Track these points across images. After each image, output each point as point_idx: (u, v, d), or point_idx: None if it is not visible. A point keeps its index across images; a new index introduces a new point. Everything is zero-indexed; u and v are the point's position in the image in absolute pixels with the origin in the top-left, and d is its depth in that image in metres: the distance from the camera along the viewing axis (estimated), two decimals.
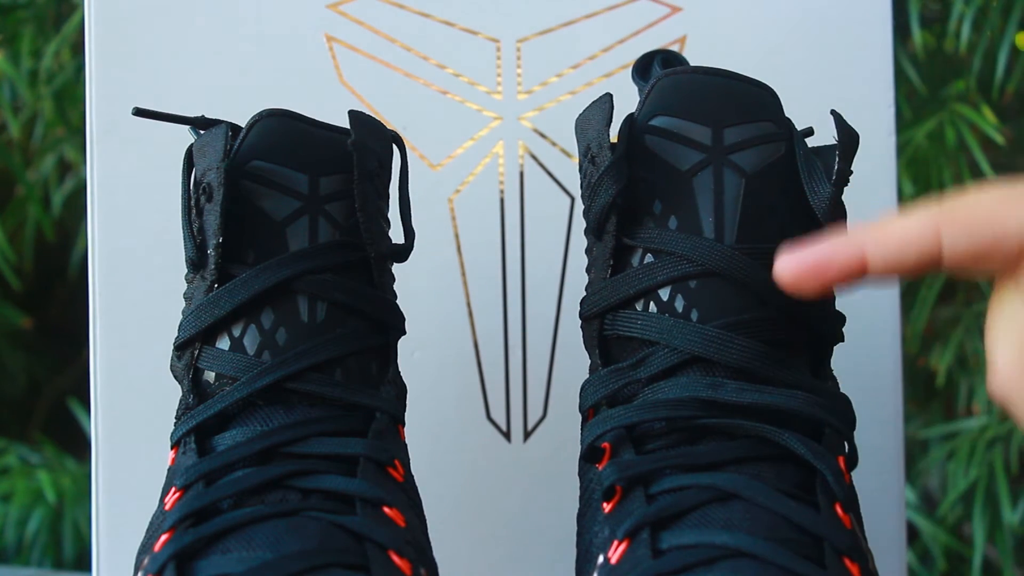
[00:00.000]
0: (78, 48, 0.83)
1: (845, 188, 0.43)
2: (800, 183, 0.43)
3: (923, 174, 0.75)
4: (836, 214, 0.42)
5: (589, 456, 0.43)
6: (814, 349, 0.44)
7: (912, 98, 0.77)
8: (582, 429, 0.44)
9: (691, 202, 0.42)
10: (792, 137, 0.43)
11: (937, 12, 0.80)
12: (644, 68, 0.47)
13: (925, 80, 0.77)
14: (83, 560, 0.82)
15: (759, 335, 0.42)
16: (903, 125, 0.74)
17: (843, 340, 0.45)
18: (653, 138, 0.43)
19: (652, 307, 0.43)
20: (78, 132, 0.84)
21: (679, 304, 0.42)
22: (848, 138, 0.43)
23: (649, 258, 0.43)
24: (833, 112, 0.44)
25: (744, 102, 0.43)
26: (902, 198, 0.72)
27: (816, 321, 0.43)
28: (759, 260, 0.42)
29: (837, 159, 0.43)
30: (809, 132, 0.47)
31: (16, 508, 0.82)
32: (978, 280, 0.37)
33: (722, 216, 0.42)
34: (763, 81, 0.44)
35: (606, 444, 0.42)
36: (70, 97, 0.83)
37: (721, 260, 0.41)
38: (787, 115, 0.44)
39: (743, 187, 0.42)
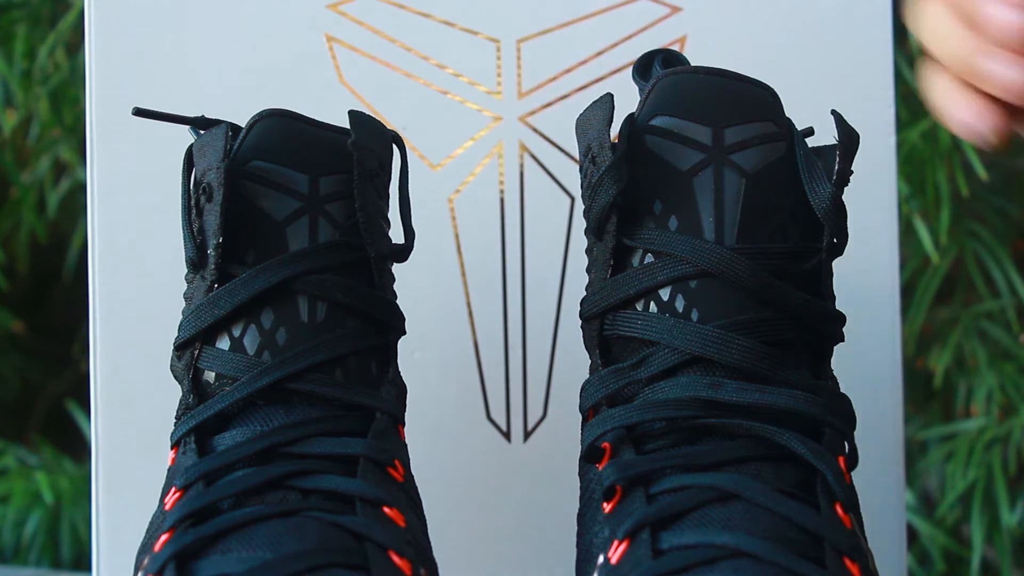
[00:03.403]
0: (73, 48, 0.83)
1: (845, 188, 0.43)
2: (801, 183, 0.43)
3: (918, 174, 0.75)
4: (836, 214, 0.42)
5: (589, 456, 0.43)
6: (814, 349, 0.44)
7: (908, 99, 0.77)
8: (582, 429, 0.44)
9: (691, 202, 0.42)
10: (792, 137, 0.43)
11: None
12: (644, 68, 0.47)
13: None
14: (81, 562, 0.82)
15: (759, 335, 0.42)
16: (898, 125, 0.74)
17: (843, 340, 0.45)
18: (653, 138, 0.43)
19: (652, 307, 0.42)
20: (74, 133, 0.84)
21: (679, 304, 0.42)
22: (848, 138, 0.43)
23: (649, 258, 0.43)
24: (833, 112, 0.44)
25: (744, 102, 0.43)
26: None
27: (816, 321, 0.43)
28: (759, 261, 0.42)
29: (837, 159, 0.43)
30: (809, 132, 0.47)
31: (14, 509, 0.82)
32: None
33: (722, 216, 0.42)
34: (763, 81, 0.44)
35: (606, 444, 0.42)
36: (65, 97, 0.83)
37: (720, 262, 0.41)
38: (787, 115, 0.44)
39: (744, 187, 0.42)
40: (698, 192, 0.42)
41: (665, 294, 0.42)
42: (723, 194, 0.42)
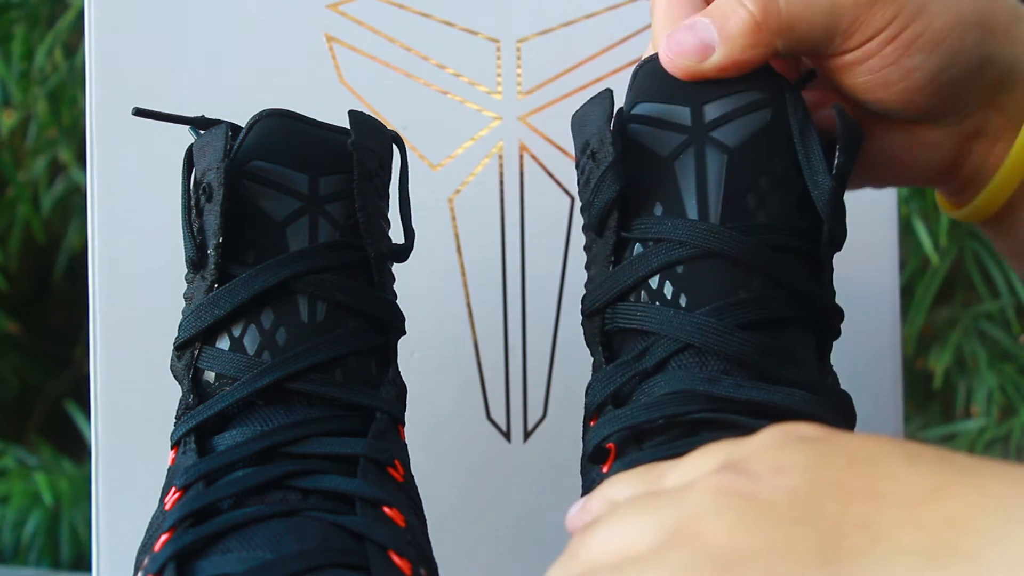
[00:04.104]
0: (71, 48, 0.83)
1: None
2: (788, 150, 0.42)
3: None
4: (836, 209, 0.42)
5: (594, 457, 0.43)
6: (814, 338, 0.43)
7: None
8: (586, 429, 0.44)
9: (673, 186, 0.42)
10: (782, 99, 0.43)
11: None
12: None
13: None
14: (80, 562, 0.82)
15: (761, 312, 0.41)
16: None
17: (839, 335, 0.44)
18: (636, 127, 0.43)
19: (644, 296, 0.42)
20: (72, 133, 0.83)
21: (668, 291, 0.42)
22: (850, 132, 0.43)
23: (638, 248, 0.42)
24: (835, 106, 0.44)
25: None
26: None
27: (815, 300, 0.42)
28: (749, 236, 0.41)
29: (838, 153, 0.42)
30: (811, 75, 0.46)
31: (13, 510, 0.82)
32: None
33: (705, 196, 0.42)
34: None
35: (611, 445, 0.42)
36: (64, 98, 0.83)
37: (712, 239, 0.41)
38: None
39: (726, 163, 0.42)
40: (680, 175, 0.42)
41: (655, 282, 0.42)
42: (705, 173, 0.42)
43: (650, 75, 0.43)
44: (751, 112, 0.42)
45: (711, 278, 0.41)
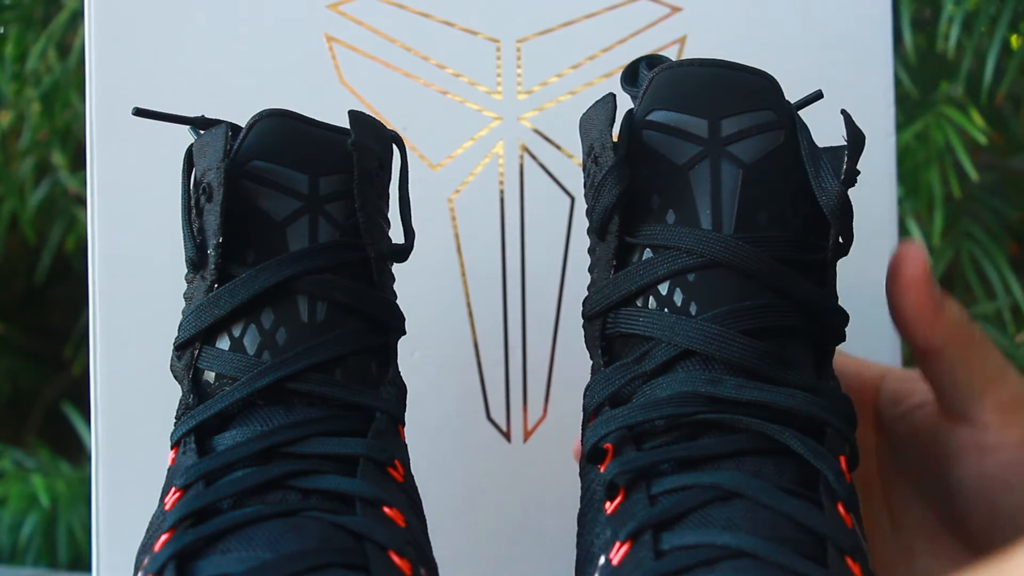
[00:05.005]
0: (65, 49, 0.83)
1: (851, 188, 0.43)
2: (800, 170, 0.43)
3: (912, 176, 0.75)
4: (844, 213, 0.42)
5: (592, 457, 0.43)
6: (817, 345, 0.44)
7: (904, 101, 0.77)
8: (584, 429, 0.44)
9: (688, 195, 0.42)
10: (793, 125, 0.43)
11: (928, 16, 0.80)
12: (632, 75, 0.47)
13: (916, 83, 0.77)
14: (78, 564, 0.82)
15: (762, 320, 0.41)
16: None
17: (844, 339, 0.45)
18: (651, 133, 0.43)
19: (652, 302, 0.42)
20: (65, 135, 0.83)
21: (678, 298, 0.42)
22: (856, 138, 0.43)
23: (648, 253, 0.43)
24: (842, 112, 0.44)
25: (742, 92, 0.43)
26: None
27: (821, 311, 0.43)
28: (761, 248, 0.42)
29: (846, 159, 0.43)
30: (818, 96, 0.47)
31: (10, 512, 0.81)
32: None
33: (720, 208, 0.42)
34: (761, 69, 0.44)
35: (608, 445, 0.42)
36: (57, 99, 0.83)
37: (722, 250, 0.41)
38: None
39: (741, 178, 0.42)
40: (695, 185, 0.42)
41: (664, 288, 0.42)
42: (720, 185, 0.42)
43: (666, 83, 0.43)
44: (766, 132, 0.43)
45: (722, 288, 0.42)
